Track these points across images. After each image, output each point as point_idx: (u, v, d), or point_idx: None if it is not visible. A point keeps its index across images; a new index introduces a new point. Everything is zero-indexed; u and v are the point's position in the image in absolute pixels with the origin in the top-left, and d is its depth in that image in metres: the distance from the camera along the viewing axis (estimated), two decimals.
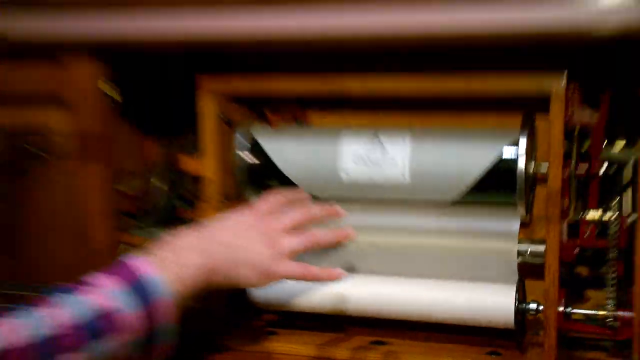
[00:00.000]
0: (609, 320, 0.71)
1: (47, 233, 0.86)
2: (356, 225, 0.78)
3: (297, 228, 0.72)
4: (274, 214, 0.72)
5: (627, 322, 0.70)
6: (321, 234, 0.73)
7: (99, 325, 0.58)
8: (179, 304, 0.62)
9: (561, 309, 0.71)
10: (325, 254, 0.77)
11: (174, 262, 0.63)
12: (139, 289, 0.60)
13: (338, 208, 0.78)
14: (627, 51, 0.67)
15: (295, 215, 0.73)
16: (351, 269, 0.77)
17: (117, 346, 0.59)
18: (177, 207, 0.92)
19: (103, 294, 0.59)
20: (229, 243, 0.68)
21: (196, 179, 0.87)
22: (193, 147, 0.89)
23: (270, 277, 0.69)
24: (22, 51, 0.80)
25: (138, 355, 0.61)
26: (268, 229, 0.70)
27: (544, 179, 0.73)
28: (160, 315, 0.60)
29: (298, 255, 0.70)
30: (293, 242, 0.70)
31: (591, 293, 0.79)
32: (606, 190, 0.74)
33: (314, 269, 0.71)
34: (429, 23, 0.65)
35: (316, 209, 0.76)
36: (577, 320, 0.73)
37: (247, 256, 0.68)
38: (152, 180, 0.91)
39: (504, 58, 0.70)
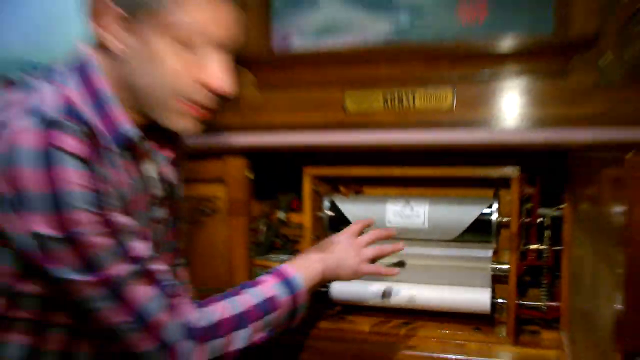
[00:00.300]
0: (542, 307, 1.23)
1: (209, 258, 1.40)
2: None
3: (371, 243, 1.12)
4: (359, 234, 1.13)
5: (553, 308, 1.22)
6: (385, 247, 1.13)
7: (267, 306, 0.94)
8: (308, 291, 1.02)
9: (516, 301, 1.22)
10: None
11: (306, 266, 1.02)
12: (287, 283, 0.98)
13: (391, 230, 1.18)
14: (545, 154, 1.21)
15: (370, 236, 1.12)
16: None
17: (277, 318, 0.95)
18: (274, 242, 1.48)
19: (267, 286, 0.96)
20: (334, 254, 1.07)
21: (284, 224, 1.42)
22: (285, 206, 1.46)
23: (358, 274, 1.08)
24: (203, 154, 1.36)
25: (286, 322, 0.98)
26: (356, 244, 1.10)
27: (506, 225, 1.26)
28: (299, 298, 0.98)
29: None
30: (370, 252, 1.09)
31: (533, 291, 1.30)
32: (541, 232, 1.26)
33: (382, 268, 1.12)
34: (437, 139, 1.20)
35: (381, 232, 1.15)
36: (524, 307, 1.24)
37: (345, 262, 1.07)
38: (259, 225, 1.46)
39: (483, 156, 1.24)
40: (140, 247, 0.85)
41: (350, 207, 1.36)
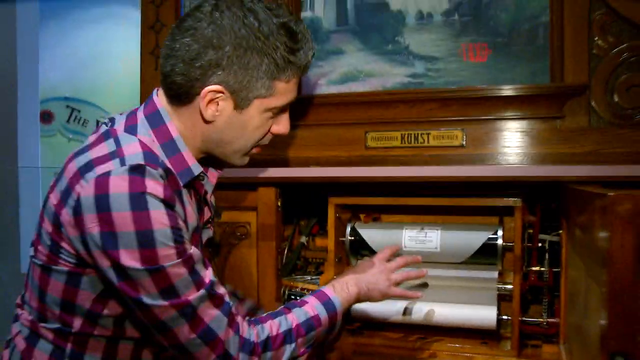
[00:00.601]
0: (543, 323, 1.37)
1: (241, 276, 1.56)
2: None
3: (399, 268, 1.27)
4: (388, 260, 1.28)
5: (553, 324, 1.36)
6: (411, 272, 1.29)
7: (310, 324, 1.08)
8: (344, 311, 1.17)
9: (519, 318, 1.36)
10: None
11: (342, 289, 1.17)
12: (327, 304, 1.13)
13: (417, 257, 1.32)
14: (544, 186, 1.37)
15: (399, 262, 1.28)
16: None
17: (317, 334, 1.09)
18: (297, 264, 1.63)
19: (310, 307, 1.11)
20: (368, 278, 1.22)
21: (306, 247, 1.58)
22: (307, 231, 1.62)
23: (386, 296, 1.24)
24: (240, 185, 1.52)
25: (324, 337, 1.13)
26: (385, 269, 1.25)
27: (510, 249, 1.41)
28: (337, 317, 1.13)
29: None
30: (399, 276, 1.25)
31: (534, 308, 1.44)
32: (542, 255, 1.41)
33: (407, 292, 1.27)
34: (448, 173, 1.36)
35: (408, 258, 1.30)
36: (527, 323, 1.38)
37: (376, 286, 1.22)
38: (285, 248, 1.62)
39: (489, 188, 1.40)
40: (207, 274, 0.99)
41: (370, 233, 1.52)
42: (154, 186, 0.91)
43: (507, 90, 1.32)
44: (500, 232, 1.41)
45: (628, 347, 0.68)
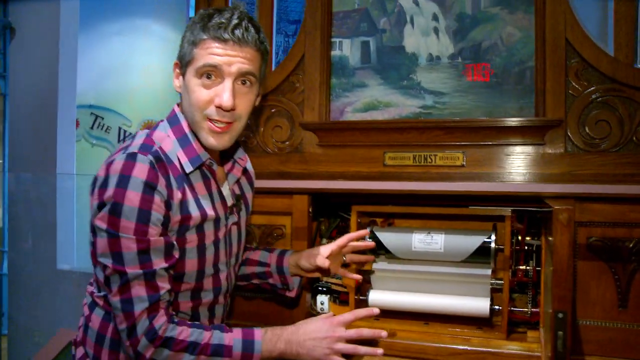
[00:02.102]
0: (528, 312, 1.67)
1: None
2: (417, 270, 1.77)
3: (351, 322, 1.25)
4: (341, 327, 1.23)
5: (535, 313, 1.66)
6: (364, 331, 1.25)
7: (219, 350, 1.17)
8: (267, 357, 1.20)
9: (508, 308, 1.66)
10: (402, 281, 1.75)
11: (271, 340, 1.20)
12: (248, 343, 1.19)
13: (376, 310, 1.33)
14: (530, 199, 1.67)
15: (350, 315, 1.27)
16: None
17: None
18: None
19: (229, 337, 1.19)
20: (303, 344, 1.20)
21: None
22: (327, 234, 1.92)
23: None
24: (278, 192, 1.83)
25: None
26: (331, 337, 1.20)
27: (502, 251, 1.71)
28: (251, 359, 1.18)
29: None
30: (350, 334, 1.23)
31: (520, 300, 1.74)
32: (528, 256, 1.71)
33: (361, 348, 1.23)
34: (451, 188, 1.66)
35: (362, 312, 1.30)
36: (514, 312, 1.69)
37: (310, 352, 1.20)
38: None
39: (485, 200, 1.70)
40: (158, 262, 1.17)
41: (385, 235, 1.83)
42: (141, 169, 1.15)
43: (500, 122, 1.63)
44: (493, 237, 1.71)
45: (566, 306, 0.98)
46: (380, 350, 1.25)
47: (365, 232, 1.61)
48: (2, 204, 4.61)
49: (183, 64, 1.27)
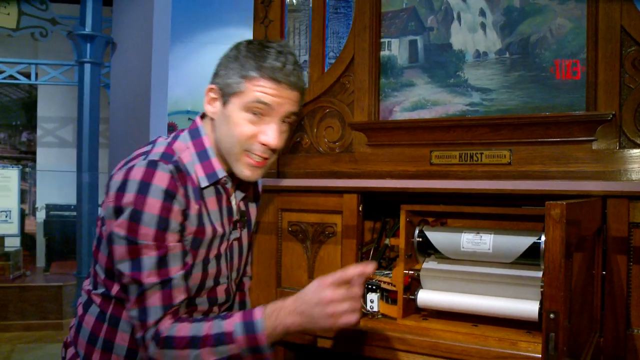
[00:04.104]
0: None
1: (327, 269, 1.90)
2: (466, 271, 1.74)
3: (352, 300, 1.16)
4: (342, 289, 1.16)
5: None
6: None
7: (221, 338, 1.13)
8: (274, 337, 1.13)
9: None
10: (451, 281, 1.73)
11: (272, 314, 1.14)
12: (248, 325, 1.14)
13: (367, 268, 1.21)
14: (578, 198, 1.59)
15: (334, 277, 1.17)
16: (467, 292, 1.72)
17: (229, 350, 1.13)
18: (381, 262, 1.95)
19: (229, 323, 1.15)
20: (307, 309, 1.14)
21: (390, 248, 1.89)
22: (391, 234, 1.93)
23: (333, 329, 1.19)
24: (329, 191, 1.87)
25: (249, 356, 1.13)
26: (327, 298, 1.13)
27: None
28: (258, 340, 1.12)
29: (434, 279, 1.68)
30: (347, 319, 1.15)
31: None
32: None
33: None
34: (498, 186, 1.63)
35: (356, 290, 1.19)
36: None
37: (322, 319, 1.14)
38: (371, 248, 1.94)
39: (534, 199, 1.64)
40: (174, 270, 1.19)
41: (434, 235, 1.81)
42: (161, 177, 1.17)
43: (547, 117, 1.56)
44: (543, 237, 1.64)
45: (557, 306, 0.94)
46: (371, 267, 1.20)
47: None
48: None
49: (226, 92, 1.29)
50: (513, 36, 1.65)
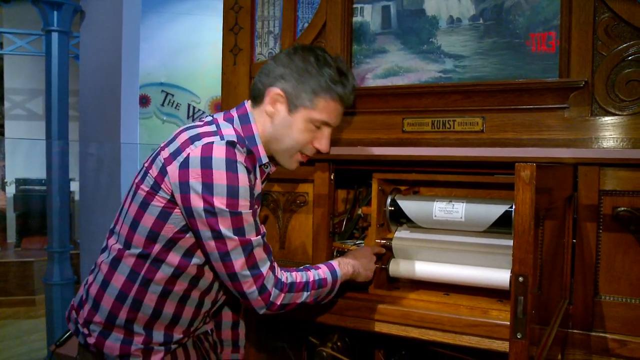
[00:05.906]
0: None
1: (299, 237, 1.89)
2: (438, 240, 1.73)
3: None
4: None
5: None
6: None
7: (320, 282, 1.47)
8: (341, 280, 1.53)
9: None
10: (424, 250, 1.72)
11: (343, 267, 1.54)
12: (333, 273, 1.50)
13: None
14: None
15: (375, 249, 1.67)
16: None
17: (322, 291, 1.48)
18: (353, 231, 1.93)
19: (322, 272, 1.48)
20: (359, 265, 1.59)
21: (363, 218, 1.87)
22: (364, 204, 1.91)
23: (369, 280, 1.65)
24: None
25: (326, 297, 1.51)
26: (371, 259, 1.64)
27: None
28: (336, 284, 1.51)
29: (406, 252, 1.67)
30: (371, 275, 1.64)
31: None
32: None
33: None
34: (470, 154, 1.61)
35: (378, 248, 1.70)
36: None
37: (364, 272, 1.62)
38: (344, 219, 1.92)
39: (506, 166, 1.63)
40: (262, 227, 1.39)
41: (406, 204, 1.80)
42: (242, 157, 1.31)
43: (520, 84, 1.55)
44: (513, 206, 1.64)
45: (526, 269, 0.93)
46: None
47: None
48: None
49: (295, 103, 1.42)
50: (487, 2, 1.62)
